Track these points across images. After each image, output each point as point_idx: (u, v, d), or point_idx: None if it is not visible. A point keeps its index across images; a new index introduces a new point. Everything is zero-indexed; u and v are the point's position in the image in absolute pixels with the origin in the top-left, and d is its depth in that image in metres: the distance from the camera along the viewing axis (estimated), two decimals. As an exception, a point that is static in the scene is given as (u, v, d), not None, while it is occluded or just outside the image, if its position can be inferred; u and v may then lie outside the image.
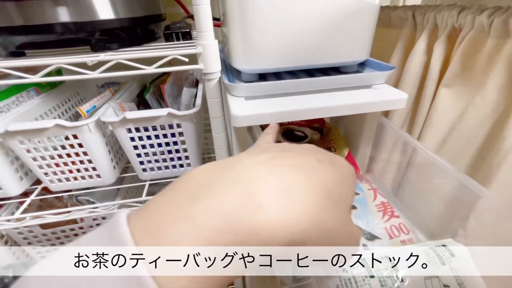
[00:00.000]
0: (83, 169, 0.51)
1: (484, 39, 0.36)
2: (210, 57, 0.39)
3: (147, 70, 0.38)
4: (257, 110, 0.36)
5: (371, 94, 0.41)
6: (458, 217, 0.37)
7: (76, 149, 0.48)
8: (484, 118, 0.36)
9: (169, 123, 0.48)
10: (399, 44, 0.50)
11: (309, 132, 0.55)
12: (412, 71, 0.45)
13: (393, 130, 0.45)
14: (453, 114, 0.41)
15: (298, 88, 0.41)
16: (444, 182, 0.37)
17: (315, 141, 0.54)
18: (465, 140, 0.39)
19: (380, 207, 0.37)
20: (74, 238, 0.63)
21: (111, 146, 0.53)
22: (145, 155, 0.52)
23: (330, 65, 0.47)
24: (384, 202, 0.37)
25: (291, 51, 0.40)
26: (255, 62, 0.40)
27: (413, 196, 0.43)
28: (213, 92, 0.42)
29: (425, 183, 0.42)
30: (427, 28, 0.43)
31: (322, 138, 0.55)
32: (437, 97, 0.43)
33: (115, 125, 0.46)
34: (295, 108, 0.37)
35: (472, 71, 0.38)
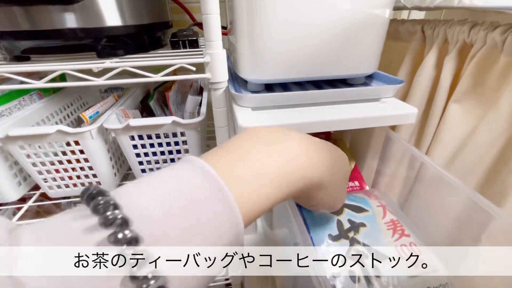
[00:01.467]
0: (83, 175, 0.50)
1: (496, 55, 0.35)
2: (218, 66, 0.38)
3: (153, 78, 0.37)
4: (264, 122, 0.36)
5: (379, 108, 0.40)
6: (469, 236, 0.36)
7: (77, 156, 0.47)
8: (496, 135, 0.35)
9: (173, 131, 0.47)
10: (407, 57, 0.50)
11: None
12: (421, 85, 0.45)
13: (400, 144, 0.44)
14: (463, 130, 0.40)
15: (305, 100, 0.40)
16: (454, 199, 0.36)
17: None
18: (476, 157, 0.38)
19: (390, 225, 0.35)
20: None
21: (113, 152, 0.52)
22: (147, 163, 0.51)
23: (338, 77, 0.46)
24: (394, 219, 0.36)
25: (298, 62, 0.39)
26: (262, 72, 0.40)
27: (421, 213, 0.42)
28: (219, 102, 0.42)
29: (434, 199, 0.40)
30: (437, 42, 0.43)
31: None
32: (446, 113, 0.42)
33: (118, 132, 0.46)
34: (302, 121, 0.37)
35: (484, 88, 0.38)
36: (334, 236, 0.33)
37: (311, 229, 0.34)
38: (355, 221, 0.35)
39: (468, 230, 0.36)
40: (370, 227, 0.34)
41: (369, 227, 0.34)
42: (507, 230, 0.30)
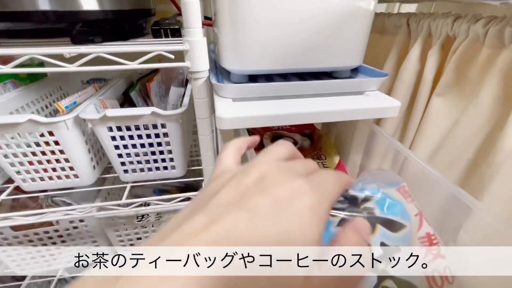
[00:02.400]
0: (59, 168, 0.48)
1: (478, 48, 0.35)
2: (198, 54, 0.37)
3: (130, 65, 0.36)
4: (244, 113, 0.35)
5: (363, 100, 0.40)
6: (449, 230, 0.36)
7: (52, 147, 0.45)
8: (476, 129, 0.36)
9: (153, 123, 0.45)
10: (392, 51, 0.50)
11: (299, 139, 0.54)
12: (405, 79, 0.45)
13: (385, 138, 0.44)
14: (445, 124, 0.40)
15: (289, 92, 0.40)
16: (435, 193, 0.36)
17: (305, 148, 0.53)
18: (457, 151, 0.38)
19: (424, 240, 0.26)
20: (48, 242, 0.59)
21: (91, 145, 0.50)
22: (127, 156, 0.49)
23: (322, 70, 0.45)
24: (430, 233, 0.27)
25: (282, 53, 0.38)
26: (245, 62, 0.38)
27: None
28: (200, 92, 0.40)
29: (416, 193, 0.41)
30: (421, 35, 0.43)
31: (313, 145, 0.54)
32: (429, 106, 0.42)
33: (95, 123, 0.44)
34: (285, 112, 0.36)
35: (466, 81, 0.38)
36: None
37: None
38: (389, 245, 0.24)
39: (448, 223, 0.36)
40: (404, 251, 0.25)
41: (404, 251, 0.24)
42: (485, 222, 0.30)
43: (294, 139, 0.54)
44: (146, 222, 0.60)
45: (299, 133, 0.55)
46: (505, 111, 0.33)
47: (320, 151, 0.51)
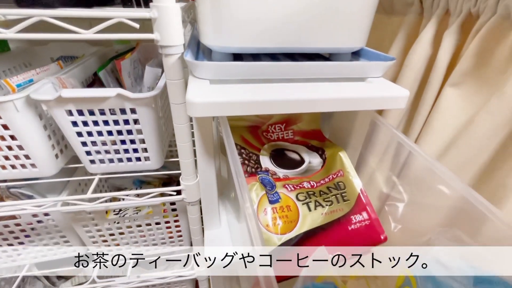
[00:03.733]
0: (12, 156, 0.41)
1: (507, 28, 0.29)
2: (169, 24, 0.30)
3: (83, 35, 0.29)
4: (222, 97, 0.28)
5: (365, 88, 0.34)
6: (455, 240, 0.31)
7: (0, 132, 0.38)
8: (498, 126, 0.30)
9: (121, 107, 0.39)
10: (400, 33, 0.43)
11: (305, 154, 0.42)
12: (413, 65, 0.39)
13: (387, 129, 0.38)
14: (459, 119, 0.34)
15: (278, 74, 0.33)
16: (445, 195, 0.30)
17: (315, 169, 0.40)
18: (472, 152, 0.32)
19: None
20: (10, 237, 0.53)
21: (53, 131, 0.44)
22: (92, 144, 0.43)
23: (319, 51, 0.39)
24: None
25: (272, 28, 0.32)
26: (228, 37, 0.32)
27: (406, 210, 0.37)
28: (173, 72, 0.34)
29: (421, 195, 0.35)
30: (436, 14, 0.36)
31: (324, 164, 0.40)
32: (441, 98, 0.36)
33: (50, 105, 0.37)
34: (272, 98, 0.30)
35: (488, 69, 0.32)
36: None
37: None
38: None
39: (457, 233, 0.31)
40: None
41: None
42: (502, 234, 0.25)
43: (299, 153, 0.42)
44: (121, 218, 0.55)
45: (305, 145, 0.43)
46: (533, 106, 0.28)
47: (336, 176, 0.37)
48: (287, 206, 0.32)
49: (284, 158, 0.41)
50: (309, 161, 0.40)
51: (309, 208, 0.33)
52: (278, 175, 0.37)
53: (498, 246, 0.26)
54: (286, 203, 0.33)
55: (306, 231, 0.30)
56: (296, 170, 0.39)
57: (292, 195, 0.34)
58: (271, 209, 0.32)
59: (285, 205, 0.32)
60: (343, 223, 0.32)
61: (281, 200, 0.33)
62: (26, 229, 0.53)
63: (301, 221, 0.31)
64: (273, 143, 0.43)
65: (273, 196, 0.33)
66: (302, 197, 0.34)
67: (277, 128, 0.43)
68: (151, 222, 0.57)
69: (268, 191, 0.33)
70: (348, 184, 0.36)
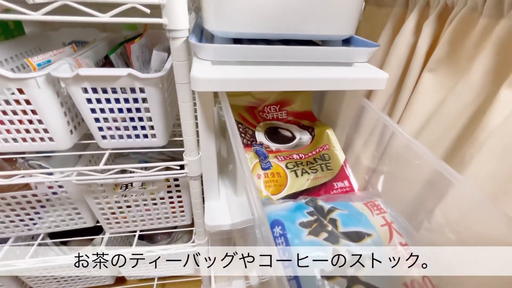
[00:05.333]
0: (32, 130, 0.46)
1: (476, 18, 0.33)
2: (176, 10, 0.34)
3: (101, 18, 0.33)
4: (223, 74, 0.33)
5: (350, 71, 0.38)
6: (426, 209, 0.35)
7: (23, 106, 0.42)
8: (463, 107, 0.34)
9: (131, 86, 0.43)
10: (388, 24, 0.47)
11: (297, 132, 0.46)
12: (397, 53, 0.42)
13: (374, 112, 0.42)
14: (434, 101, 0.38)
15: (273, 57, 0.37)
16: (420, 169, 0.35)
17: (304, 144, 0.45)
18: (442, 130, 0.37)
19: (399, 251, 0.27)
20: (27, 206, 0.58)
21: (68, 108, 0.48)
22: (104, 121, 0.47)
23: (312, 38, 0.43)
24: (403, 242, 0.28)
25: (268, 16, 0.35)
26: (228, 23, 0.36)
27: (388, 184, 0.41)
28: (178, 54, 0.38)
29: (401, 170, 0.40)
30: (418, 5, 0.40)
31: (313, 140, 0.45)
32: (420, 82, 0.40)
33: (68, 82, 0.41)
34: (267, 77, 0.34)
35: (459, 55, 0.35)
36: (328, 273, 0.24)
37: (298, 259, 0.25)
38: (356, 252, 0.26)
39: (427, 201, 0.35)
40: (377, 256, 0.26)
41: (377, 256, 0.26)
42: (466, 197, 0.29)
43: (291, 131, 0.47)
44: (129, 191, 0.59)
45: (297, 125, 0.48)
46: (494, 88, 0.32)
47: (322, 149, 0.42)
48: (277, 172, 0.37)
49: (277, 134, 0.45)
50: (299, 137, 0.45)
51: (296, 174, 0.38)
52: (271, 148, 0.42)
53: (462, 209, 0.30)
54: (276, 170, 0.37)
55: (293, 193, 0.35)
56: (287, 145, 0.44)
57: (282, 164, 0.38)
58: (263, 174, 0.36)
59: (276, 172, 0.37)
60: (326, 188, 0.36)
61: (272, 168, 0.37)
62: (42, 199, 0.58)
63: (289, 185, 0.36)
64: (268, 122, 0.47)
65: (265, 164, 0.38)
66: (291, 166, 0.39)
67: (272, 109, 0.48)
68: (156, 197, 0.62)
69: (261, 160, 0.38)
70: (332, 156, 0.41)
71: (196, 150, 0.50)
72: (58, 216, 0.62)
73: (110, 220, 0.64)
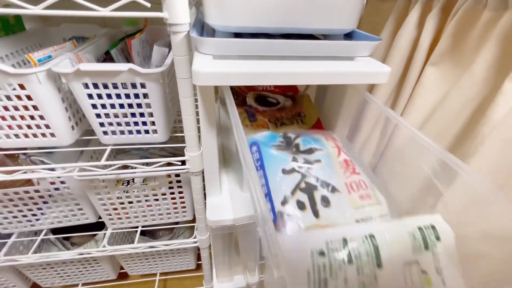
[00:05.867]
0: (34, 125, 0.46)
1: (480, 11, 0.32)
2: (176, 4, 0.34)
3: (101, 12, 0.33)
4: (224, 68, 0.32)
5: (352, 65, 0.37)
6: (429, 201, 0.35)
7: (24, 102, 0.42)
8: (467, 100, 0.34)
9: (132, 82, 0.43)
10: (391, 18, 0.47)
11: (282, 100, 0.54)
12: (400, 46, 0.42)
13: (376, 105, 0.42)
14: (436, 95, 0.38)
15: (274, 51, 0.37)
16: (424, 160, 0.34)
17: (287, 107, 0.53)
18: (445, 124, 0.36)
19: (343, 164, 0.37)
20: (30, 202, 0.58)
21: (69, 103, 0.48)
22: (105, 116, 0.47)
23: (313, 32, 0.43)
24: (347, 159, 0.37)
25: (270, 9, 0.35)
26: (229, 17, 0.35)
27: (390, 176, 0.41)
28: (179, 48, 0.38)
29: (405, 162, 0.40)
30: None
31: (294, 104, 0.54)
32: (423, 76, 0.40)
33: (69, 78, 0.41)
34: (269, 71, 0.34)
35: (463, 49, 0.35)
36: (287, 170, 0.34)
37: (266, 164, 0.35)
38: (310, 160, 0.36)
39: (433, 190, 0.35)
40: (325, 163, 0.35)
41: (324, 163, 0.35)
42: (471, 187, 0.29)
43: (277, 99, 0.54)
44: (131, 187, 0.60)
45: (283, 95, 0.56)
46: (498, 82, 0.31)
47: (300, 109, 0.52)
48: (261, 124, 0.47)
49: (265, 100, 0.54)
50: (283, 103, 0.54)
51: (276, 125, 0.47)
52: (258, 109, 0.51)
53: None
54: (261, 122, 0.47)
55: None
56: (273, 108, 0.53)
57: (265, 119, 0.48)
58: (250, 125, 0.47)
59: (260, 124, 0.47)
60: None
61: (257, 121, 0.47)
62: (45, 195, 0.58)
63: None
64: (258, 92, 0.55)
65: (252, 118, 0.48)
66: (273, 120, 0.48)
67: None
68: (158, 193, 0.62)
69: (250, 116, 0.48)
70: (308, 115, 0.50)
71: (197, 146, 0.50)
72: (61, 212, 0.63)
73: (112, 216, 0.64)
